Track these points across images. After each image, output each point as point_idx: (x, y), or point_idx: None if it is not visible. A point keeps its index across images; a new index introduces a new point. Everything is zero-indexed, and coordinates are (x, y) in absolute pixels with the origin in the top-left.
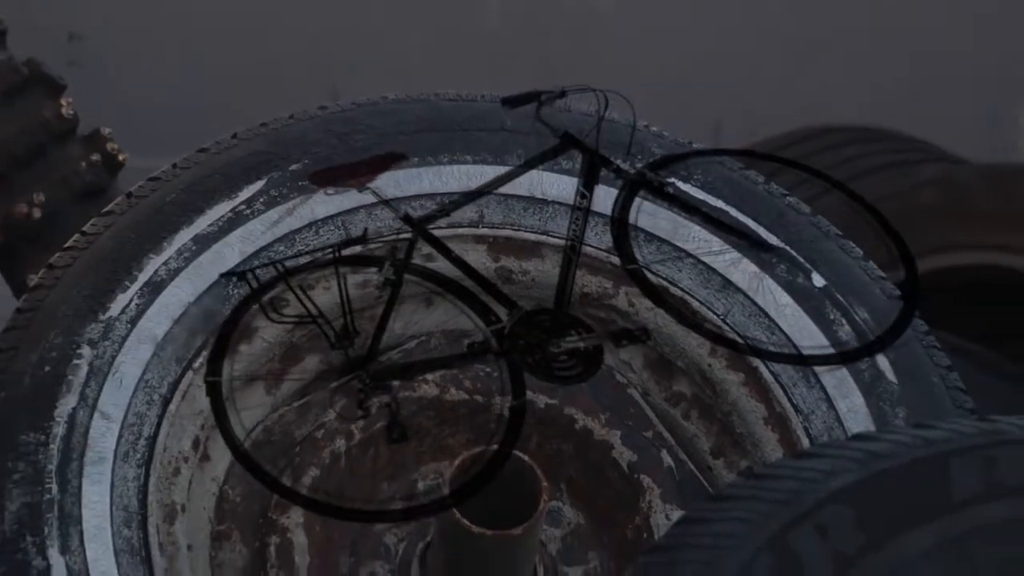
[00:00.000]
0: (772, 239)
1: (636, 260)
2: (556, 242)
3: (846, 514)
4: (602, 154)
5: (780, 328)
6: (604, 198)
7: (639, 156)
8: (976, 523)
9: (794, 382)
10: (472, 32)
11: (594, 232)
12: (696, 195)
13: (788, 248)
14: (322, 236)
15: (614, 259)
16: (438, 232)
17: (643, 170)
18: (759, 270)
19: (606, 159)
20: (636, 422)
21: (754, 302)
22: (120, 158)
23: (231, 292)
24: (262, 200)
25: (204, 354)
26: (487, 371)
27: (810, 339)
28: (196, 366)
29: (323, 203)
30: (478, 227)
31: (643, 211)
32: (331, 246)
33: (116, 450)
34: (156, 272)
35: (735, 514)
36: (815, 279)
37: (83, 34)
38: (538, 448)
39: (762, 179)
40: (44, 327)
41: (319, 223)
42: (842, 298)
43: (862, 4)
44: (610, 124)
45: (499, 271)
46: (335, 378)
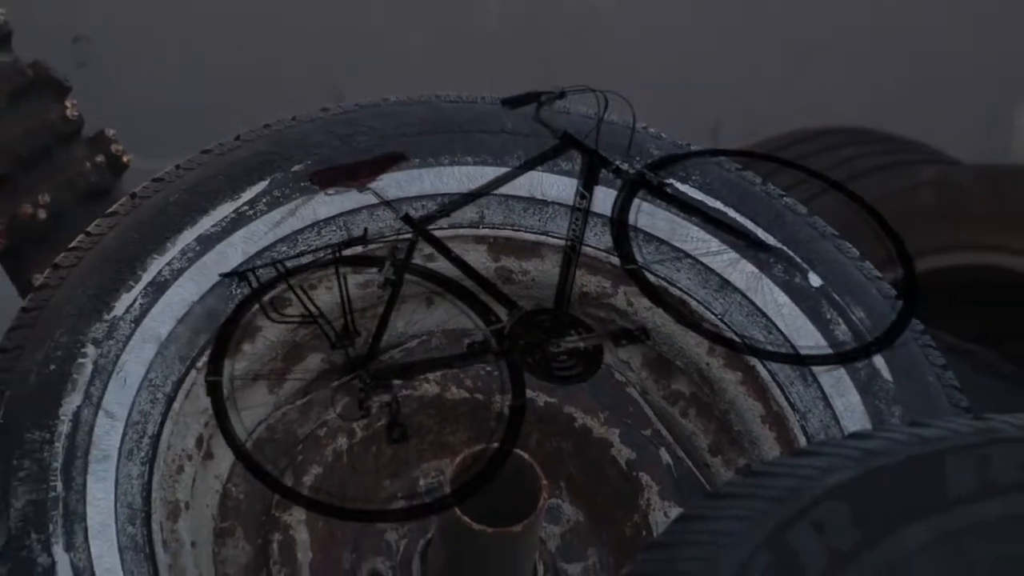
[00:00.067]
0: (770, 239)
1: (635, 260)
2: (556, 242)
3: (843, 511)
4: (601, 154)
5: (778, 328)
6: (603, 199)
7: (637, 157)
8: (971, 520)
9: (791, 381)
10: (472, 32)
11: (593, 232)
12: (695, 195)
13: (785, 248)
14: (324, 236)
15: (613, 259)
16: (439, 232)
17: (642, 171)
18: (757, 270)
19: (606, 159)
20: (635, 420)
21: (752, 302)
22: (124, 159)
23: (234, 292)
24: (265, 201)
25: (207, 353)
26: (487, 370)
27: (807, 339)
28: (199, 365)
29: (325, 204)
30: (478, 227)
31: (642, 211)
32: (332, 246)
33: (120, 448)
34: (160, 272)
35: (733, 512)
36: (812, 279)
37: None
38: (538, 446)
39: (760, 180)
40: (49, 326)
41: (321, 223)
42: (838, 298)
43: (862, 4)
44: (609, 126)
45: (499, 271)
46: (336, 377)
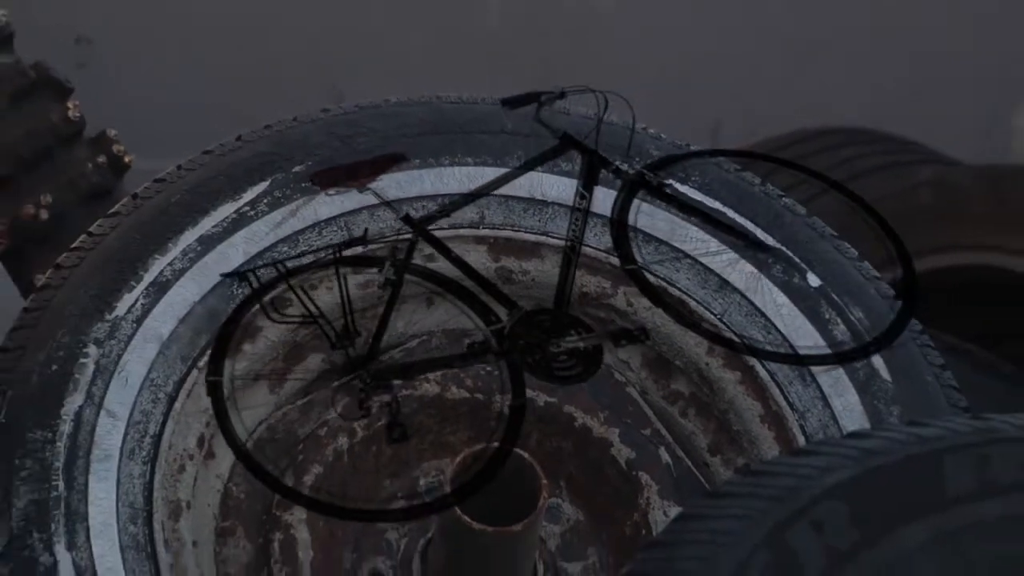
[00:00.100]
0: (769, 240)
1: (635, 260)
2: (556, 243)
3: (841, 510)
4: (601, 155)
5: (776, 328)
6: (603, 199)
7: (637, 158)
8: (970, 520)
9: (790, 380)
10: (472, 32)
11: (593, 233)
12: (694, 196)
13: (784, 248)
14: (325, 237)
15: (613, 259)
16: (439, 233)
17: (642, 171)
18: (756, 270)
19: (605, 160)
20: (634, 420)
21: (751, 302)
22: (126, 160)
23: (235, 292)
24: (266, 201)
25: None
26: (488, 370)
27: (806, 339)
28: (201, 365)
29: (326, 204)
30: (479, 228)
31: (641, 212)
32: (332, 246)
33: (122, 448)
34: (161, 272)
35: (732, 511)
36: (811, 279)
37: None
38: (538, 446)
39: (759, 180)
40: (51, 326)
41: (322, 224)
42: (837, 298)
43: (862, 4)
44: (609, 126)
45: (499, 271)
46: (337, 377)
